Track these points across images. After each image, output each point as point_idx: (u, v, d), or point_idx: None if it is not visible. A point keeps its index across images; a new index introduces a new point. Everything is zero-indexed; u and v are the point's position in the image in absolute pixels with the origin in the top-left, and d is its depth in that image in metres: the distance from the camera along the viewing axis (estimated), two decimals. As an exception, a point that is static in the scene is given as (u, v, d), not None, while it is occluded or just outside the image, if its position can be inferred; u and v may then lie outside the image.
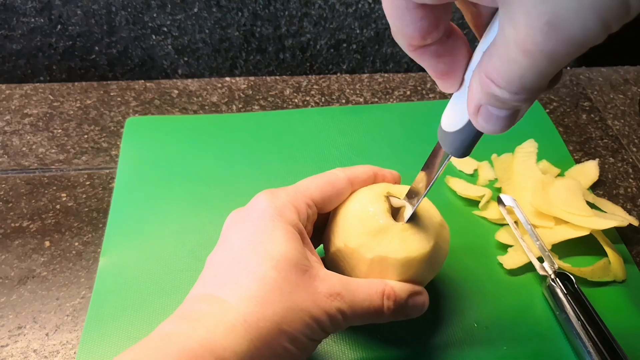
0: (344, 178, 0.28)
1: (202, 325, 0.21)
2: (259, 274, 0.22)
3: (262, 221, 0.24)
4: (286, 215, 0.25)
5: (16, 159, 0.41)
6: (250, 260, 0.23)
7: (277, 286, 0.22)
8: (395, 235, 0.26)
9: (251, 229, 0.24)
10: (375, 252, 0.26)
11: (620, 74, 0.51)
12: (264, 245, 0.23)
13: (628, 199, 0.39)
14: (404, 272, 0.26)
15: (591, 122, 0.46)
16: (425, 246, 0.26)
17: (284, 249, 0.23)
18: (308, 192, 0.27)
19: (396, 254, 0.26)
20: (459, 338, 0.30)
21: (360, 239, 0.26)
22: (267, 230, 0.24)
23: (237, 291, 0.22)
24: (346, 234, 0.26)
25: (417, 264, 0.26)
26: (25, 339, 0.30)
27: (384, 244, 0.26)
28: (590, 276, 0.33)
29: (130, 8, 0.46)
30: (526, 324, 0.31)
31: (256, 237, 0.24)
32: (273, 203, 0.25)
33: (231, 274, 0.23)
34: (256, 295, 0.22)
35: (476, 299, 0.32)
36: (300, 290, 0.23)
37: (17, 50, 0.48)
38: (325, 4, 0.47)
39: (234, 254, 0.24)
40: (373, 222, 0.26)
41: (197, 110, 0.45)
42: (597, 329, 0.29)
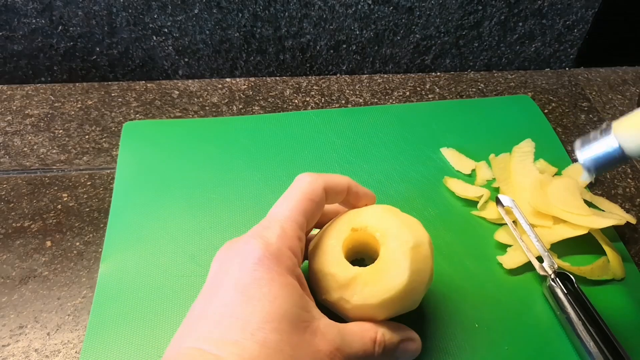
0: (320, 188, 0.26)
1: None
2: (259, 337, 0.21)
3: (258, 273, 0.23)
4: (283, 262, 0.23)
5: (17, 159, 0.41)
6: (249, 319, 0.21)
7: (279, 349, 0.21)
8: (367, 279, 0.25)
9: (247, 279, 0.22)
10: (352, 302, 0.25)
11: (619, 74, 0.51)
12: (262, 303, 0.22)
13: (626, 199, 0.39)
14: (388, 310, 0.26)
15: (590, 123, 0.46)
16: (400, 281, 0.25)
17: (284, 306, 0.22)
18: (295, 223, 0.25)
19: (373, 299, 0.25)
20: (460, 338, 0.30)
21: (335, 293, 0.26)
22: (265, 284, 0.22)
23: (235, 352, 0.20)
24: (323, 290, 0.26)
25: (399, 299, 0.25)
26: (27, 339, 0.30)
27: (357, 291, 0.25)
28: (590, 275, 0.33)
29: (131, 9, 0.47)
30: (527, 324, 0.31)
31: (253, 292, 0.22)
32: (267, 251, 0.23)
33: (228, 332, 0.21)
34: (257, 358, 0.20)
35: (477, 299, 0.32)
36: (302, 352, 0.22)
37: (19, 51, 0.48)
38: (325, 5, 0.47)
39: (229, 309, 0.22)
40: (340, 275, 0.25)
41: (198, 110, 0.45)
42: (597, 328, 0.29)
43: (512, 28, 0.50)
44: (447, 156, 0.41)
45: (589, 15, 0.50)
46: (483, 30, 0.50)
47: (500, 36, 0.51)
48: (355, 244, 0.27)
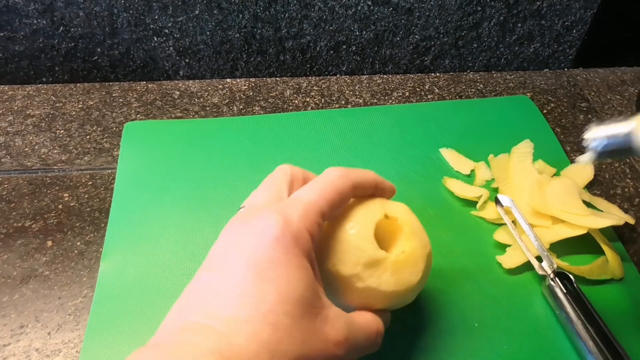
0: (349, 184, 0.26)
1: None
2: (272, 319, 0.20)
3: (275, 252, 0.21)
4: (301, 244, 0.22)
5: (19, 159, 0.41)
6: (262, 300, 0.20)
7: (290, 333, 0.20)
8: (387, 267, 0.26)
9: (262, 258, 0.21)
10: (366, 283, 0.25)
11: (617, 74, 0.51)
12: (276, 284, 0.21)
13: (625, 199, 0.39)
14: (389, 302, 0.27)
15: (588, 123, 0.46)
16: (413, 279, 0.26)
17: (298, 290, 0.21)
18: (318, 209, 0.24)
19: (386, 287, 0.26)
20: (459, 338, 0.30)
21: (354, 268, 0.25)
22: (280, 265, 0.21)
23: (246, 333, 0.20)
24: (339, 260, 0.26)
25: (404, 294, 0.27)
26: (28, 338, 0.30)
27: (375, 275, 0.25)
28: (589, 275, 0.33)
29: (132, 10, 0.47)
30: (526, 323, 0.31)
31: (268, 272, 0.21)
32: (288, 229, 0.22)
33: (238, 311, 0.20)
34: (268, 341, 0.20)
35: (476, 299, 0.32)
36: (312, 339, 0.21)
37: (20, 52, 0.49)
38: (325, 6, 0.48)
39: (240, 287, 0.21)
40: (365, 253, 0.25)
41: (199, 111, 0.45)
42: (596, 327, 0.29)
43: (511, 29, 0.50)
44: (447, 157, 0.41)
45: (588, 16, 0.50)
46: (482, 31, 0.50)
47: (499, 37, 0.51)
48: (380, 230, 0.27)
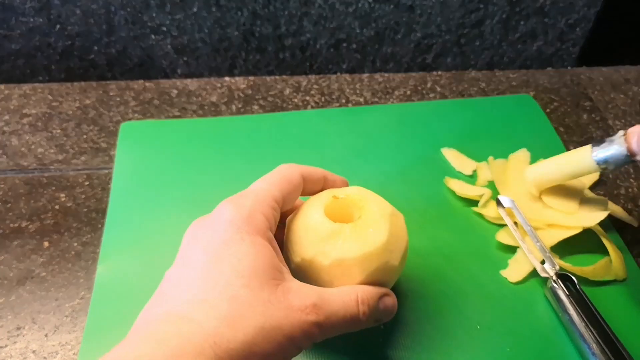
0: (297, 173, 0.27)
1: (167, 347, 0.19)
2: (228, 293, 0.21)
3: (228, 234, 0.23)
4: (254, 224, 0.23)
5: (15, 159, 0.40)
6: (218, 277, 0.21)
7: (249, 305, 0.21)
8: (347, 235, 0.25)
9: (217, 242, 0.23)
10: (331, 256, 0.25)
11: (621, 73, 0.51)
12: (230, 260, 0.22)
13: (629, 199, 0.39)
14: (366, 270, 0.25)
15: (592, 122, 0.45)
16: (380, 237, 0.25)
17: (254, 263, 0.22)
18: (270, 194, 0.25)
19: (352, 253, 0.25)
20: (461, 340, 0.30)
21: (313, 248, 0.25)
22: (234, 244, 0.22)
23: (204, 310, 0.21)
24: (299, 247, 0.26)
25: (377, 257, 0.25)
26: (24, 340, 0.30)
27: (337, 246, 0.25)
28: (592, 276, 0.33)
29: (130, 8, 0.46)
30: (529, 325, 0.31)
31: (222, 252, 0.22)
32: (239, 213, 0.24)
33: (197, 292, 0.21)
34: (227, 315, 0.20)
35: (478, 300, 0.32)
36: (273, 308, 0.21)
37: (16, 50, 0.48)
38: (325, 4, 0.47)
39: (198, 271, 0.22)
40: (321, 228, 0.26)
41: (197, 110, 0.45)
42: (600, 329, 0.28)
43: (514, 27, 0.50)
44: (448, 157, 0.40)
45: (592, 13, 0.49)
46: (485, 29, 0.50)
47: (502, 35, 0.50)
48: (335, 212, 0.27)
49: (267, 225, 0.24)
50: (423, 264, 0.33)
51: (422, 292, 0.32)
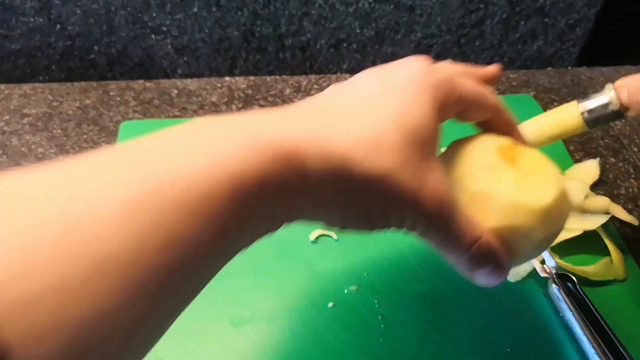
0: (495, 102, 0.24)
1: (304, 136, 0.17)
2: (378, 128, 0.19)
3: (412, 85, 0.20)
4: (439, 95, 0.21)
5: (15, 159, 0.40)
6: (386, 122, 0.19)
7: (391, 150, 0.19)
8: (510, 175, 0.21)
9: (397, 87, 0.20)
10: (479, 185, 0.21)
11: (622, 74, 0.50)
12: (404, 114, 0.19)
13: (629, 199, 0.39)
14: (505, 222, 0.21)
15: (592, 122, 0.45)
16: (542, 197, 0.21)
17: (423, 130, 0.20)
18: (463, 87, 0.22)
19: (504, 195, 0.21)
20: (461, 340, 0.30)
21: (468, 169, 0.22)
22: (414, 99, 0.20)
23: (353, 137, 0.18)
24: (453, 163, 0.23)
25: (526, 217, 0.21)
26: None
27: (492, 180, 0.21)
28: (593, 276, 0.33)
29: (130, 7, 0.46)
30: (529, 326, 0.31)
31: (401, 101, 0.20)
32: (432, 74, 0.21)
33: (357, 120, 0.19)
34: (365, 139, 0.18)
35: (478, 300, 0.32)
36: (408, 167, 0.19)
37: (16, 50, 0.48)
38: (325, 4, 0.47)
39: (368, 104, 0.20)
40: (488, 157, 0.22)
41: (197, 110, 0.45)
42: (600, 329, 0.28)
43: (514, 27, 0.50)
44: (449, 156, 0.40)
45: (592, 13, 0.49)
46: (485, 29, 0.50)
47: (502, 35, 0.50)
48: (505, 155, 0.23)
49: (447, 104, 0.21)
50: (423, 263, 0.33)
51: (422, 292, 0.32)
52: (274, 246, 0.34)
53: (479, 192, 0.21)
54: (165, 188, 0.13)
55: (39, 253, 0.11)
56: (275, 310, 0.30)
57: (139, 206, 0.13)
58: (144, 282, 0.12)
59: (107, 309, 0.11)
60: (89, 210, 0.12)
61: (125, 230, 0.12)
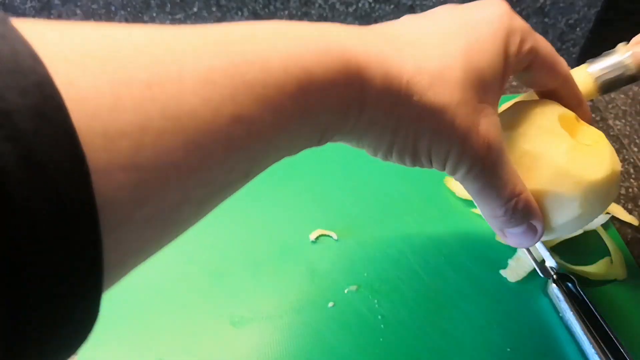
0: (567, 71, 0.24)
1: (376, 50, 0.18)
2: (446, 62, 0.19)
3: (487, 26, 0.20)
4: (512, 42, 0.21)
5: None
6: (453, 57, 0.19)
7: (451, 82, 0.19)
8: (566, 143, 0.21)
9: (471, 25, 0.20)
10: (533, 145, 0.21)
11: (622, 73, 0.51)
12: (472, 53, 0.20)
13: (629, 199, 0.39)
14: (550, 187, 0.21)
15: (592, 123, 0.45)
16: (594, 172, 0.21)
17: (488, 72, 0.20)
18: (538, 42, 0.22)
19: (556, 159, 0.21)
20: (461, 340, 0.30)
21: (525, 128, 0.22)
22: (486, 40, 0.20)
23: (419, 66, 0.19)
24: (511, 120, 0.22)
25: (572, 187, 0.21)
26: (24, 340, 0.30)
27: (547, 143, 0.21)
28: (593, 276, 0.33)
29: (130, 7, 0.46)
30: (529, 325, 0.31)
31: (472, 39, 0.20)
32: (509, 19, 0.21)
33: (426, 50, 0.19)
34: (431, 70, 0.19)
35: (478, 300, 0.32)
36: (467, 116, 0.19)
37: (17, 50, 0.48)
38: (325, 4, 0.47)
39: (439, 37, 0.20)
40: (548, 121, 0.21)
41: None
42: (600, 329, 0.28)
43: (514, 27, 0.50)
44: (449, 156, 0.40)
45: (592, 14, 0.49)
46: (484, 29, 0.50)
47: (502, 35, 0.50)
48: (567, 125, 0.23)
49: (518, 53, 0.21)
50: (423, 263, 0.33)
51: (422, 292, 0.32)
52: (274, 246, 0.34)
53: (530, 152, 0.21)
54: (240, 70, 0.14)
55: (127, 96, 0.12)
56: (275, 310, 0.30)
57: (217, 79, 0.13)
58: (212, 146, 0.13)
59: (175, 160, 0.12)
60: (173, 70, 0.13)
61: (203, 95, 0.13)
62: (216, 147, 0.13)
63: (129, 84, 0.12)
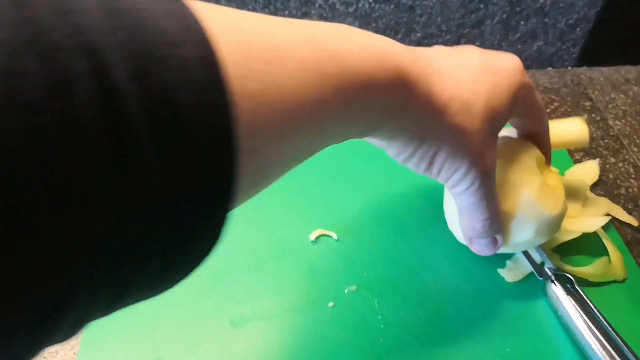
0: (548, 123, 0.30)
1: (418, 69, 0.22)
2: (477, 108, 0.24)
3: (507, 77, 0.26)
4: (521, 94, 0.26)
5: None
6: (480, 93, 0.24)
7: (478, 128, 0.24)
8: (539, 181, 0.28)
9: (495, 72, 0.25)
10: (516, 176, 0.27)
11: (622, 73, 0.51)
12: (493, 95, 0.24)
13: (629, 199, 0.39)
14: (520, 213, 0.27)
15: (592, 122, 0.45)
16: (553, 209, 0.28)
17: (500, 113, 0.25)
18: (537, 98, 0.28)
19: (530, 192, 0.27)
20: (461, 340, 0.30)
21: (510, 160, 0.28)
22: (504, 87, 0.25)
23: (453, 93, 0.23)
24: (499, 151, 0.28)
25: (536, 217, 0.27)
26: (24, 340, 0.30)
27: (527, 177, 0.28)
28: (592, 277, 0.32)
29: (130, 7, 0.46)
30: (529, 325, 0.31)
31: (495, 84, 0.25)
32: (522, 76, 0.26)
33: (460, 81, 0.24)
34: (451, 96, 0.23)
35: (478, 300, 0.32)
36: (480, 145, 0.24)
37: (17, 50, 0.48)
38: (325, 4, 0.47)
39: (471, 73, 0.25)
40: (529, 158, 0.28)
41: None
42: (601, 329, 0.28)
43: (514, 27, 0.50)
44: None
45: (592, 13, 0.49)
46: (485, 29, 0.50)
47: (502, 35, 0.50)
48: None
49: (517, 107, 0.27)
50: (423, 264, 0.33)
51: (422, 292, 0.32)
52: (274, 246, 0.34)
53: (511, 181, 0.28)
54: (324, 64, 0.18)
55: (253, 68, 0.15)
56: (275, 310, 0.30)
57: (309, 68, 0.17)
58: (301, 116, 0.17)
59: (278, 123, 0.16)
60: (281, 56, 0.16)
61: (298, 79, 0.17)
62: (303, 117, 0.17)
63: (254, 58, 0.15)
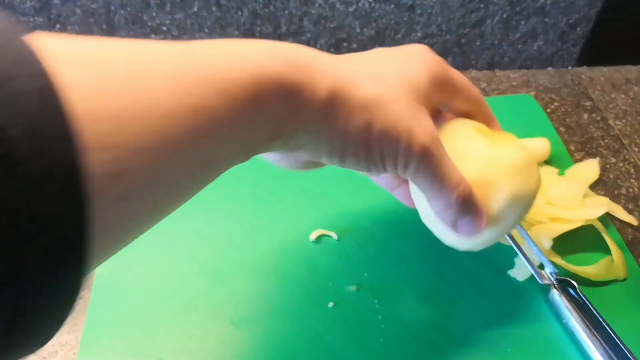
0: (478, 94, 0.28)
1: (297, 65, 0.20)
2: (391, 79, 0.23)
3: (414, 56, 0.25)
4: (435, 68, 0.25)
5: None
6: (390, 73, 0.23)
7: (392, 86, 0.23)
8: (482, 140, 0.25)
9: (401, 56, 0.25)
10: (455, 146, 0.25)
11: (622, 73, 0.51)
12: (405, 72, 0.24)
13: (629, 199, 0.39)
14: (477, 175, 0.24)
15: (593, 122, 0.45)
16: (510, 154, 0.25)
17: (419, 84, 0.24)
18: (454, 73, 0.27)
19: (477, 150, 0.25)
20: (462, 340, 0.30)
21: (446, 138, 0.25)
22: (413, 64, 0.25)
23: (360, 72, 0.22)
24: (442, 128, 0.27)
25: (496, 170, 0.24)
26: (24, 340, 0.30)
27: (467, 141, 0.26)
28: (594, 276, 0.32)
29: (130, 7, 0.46)
30: (529, 325, 0.31)
31: (404, 63, 0.24)
32: (431, 54, 0.26)
33: (367, 66, 0.23)
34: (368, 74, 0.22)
35: (479, 300, 0.32)
36: (408, 109, 0.22)
37: (16, 50, 0.48)
38: (325, 3, 0.47)
39: (377, 60, 0.24)
40: (465, 128, 0.26)
41: (197, 109, 0.45)
42: (602, 331, 0.28)
43: (515, 26, 0.50)
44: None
45: (592, 13, 0.49)
46: (485, 29, 0.50)
47: (503, 35, 0.50)
48: None
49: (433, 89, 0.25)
50: (423, 263, 0.33)
51: (423, 291, 0.32)
52: (274, 246, 0.34)
53: (454, 153, 0.24)
54: (198, 69, 0.16)
55: (107, 87, 0.14)
56: (275, 310, 0.30)
57: (179, 75, 0.16)
58: (175, 131, 0.15)
59: (144, 144, 0.14)
60: (145, 69, 0.15)
61: (167, 89, 0.15)
62: (179, 133, 0.15)
63: (109, 78, 0.14)
